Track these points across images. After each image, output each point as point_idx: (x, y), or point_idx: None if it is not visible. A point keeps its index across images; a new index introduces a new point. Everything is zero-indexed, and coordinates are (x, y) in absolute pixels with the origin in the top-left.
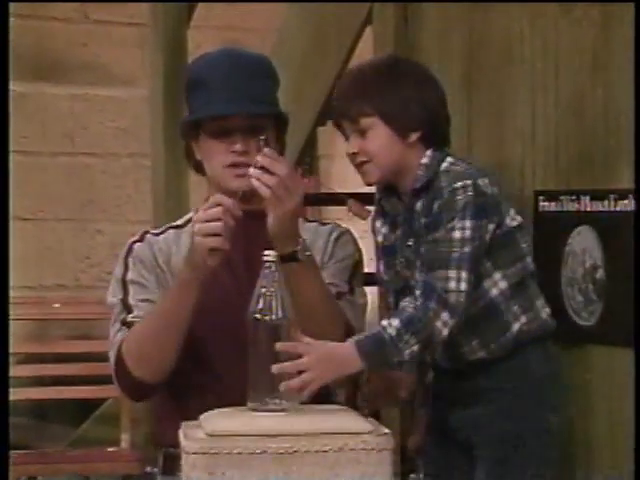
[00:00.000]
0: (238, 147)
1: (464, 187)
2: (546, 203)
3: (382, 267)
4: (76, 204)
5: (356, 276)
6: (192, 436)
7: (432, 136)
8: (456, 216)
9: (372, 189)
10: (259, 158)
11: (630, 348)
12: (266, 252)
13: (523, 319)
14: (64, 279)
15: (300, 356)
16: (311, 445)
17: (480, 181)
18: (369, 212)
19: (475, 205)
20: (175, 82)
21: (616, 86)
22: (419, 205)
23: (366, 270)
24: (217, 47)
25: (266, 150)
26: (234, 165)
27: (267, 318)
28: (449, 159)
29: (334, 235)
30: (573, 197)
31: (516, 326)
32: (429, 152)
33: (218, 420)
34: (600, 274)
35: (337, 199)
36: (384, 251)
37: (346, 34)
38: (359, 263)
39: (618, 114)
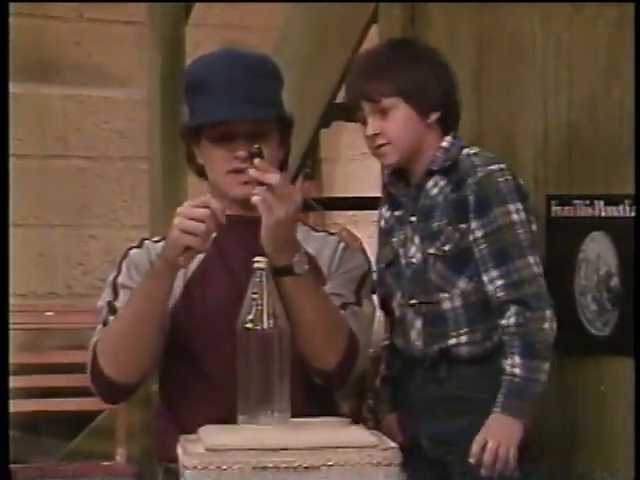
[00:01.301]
0: (241, 154)
1: (501, 170)
2: (559, 208)
3: (378, 248)
4: (69, 209)
5: (364, 287)
6: (191, 451)
7: (449, 118)
8: (506, 199)
9: (374, 193)
10: (251, 172)
11: None
12: (256, 259)
13: None
14: (56, 287)
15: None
16: (315, 460)
17: (512, 168)
18: (359, 239)
19: (517, 188)
20: (173, 82)
21: (632, 87)
22: (430, 184)
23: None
24: (216, 46)
25: (257, 162)
26: (237, 171)
27: (258, 328)
28: (475, 148)
29: (342, 245)
30: (587, 202)
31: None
32: (449, 137)
33: (218, 434)
34: (615, 282)
35: (339, 204)
36: (382, 233)
37: (350, 33)
38: (367, 274)
39: (634, 116)
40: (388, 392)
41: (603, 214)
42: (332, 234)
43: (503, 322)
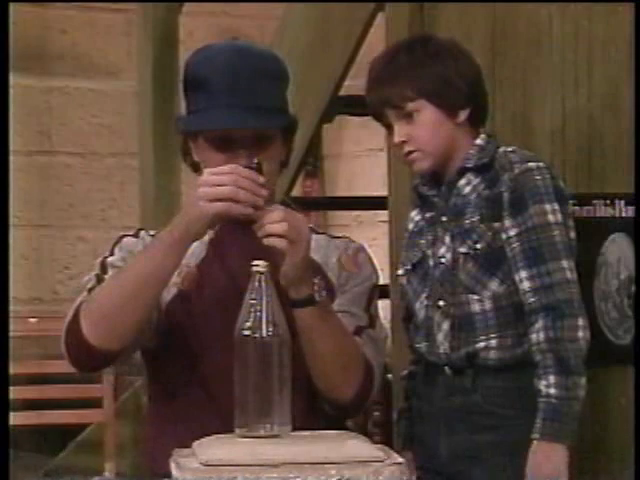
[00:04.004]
0: (242, 163)
1: (539, 169)
2: (577, 208)
3: (404, 252)
4: (54, 209)
5: (373, 302)
6: (185, 466)
7: (478, 113)
8: (543, 198)
9: (380, 192)
10: (257, 230)
11: None
12: (255, 262)
13: None
14: (41, 292)
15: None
16: (317, 475)
17: (551, 168)
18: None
19: (556, 188)
20: (165, 74)
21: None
22: (463, 182)
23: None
24: (211, 35)
25: (258, 213)
26: None
27: (257, 335)
28: (512, 147)
29: (350, 254)
30: (607, 201)
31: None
32: (484, 135)
33: (213, 448)
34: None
35: (343, 204)
36: (411, 236)
37: (354, 22)
38: (376, 286)
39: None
40: (404, 427)
41: (624, 214)
42: (335, 237)
43: (532, 337)
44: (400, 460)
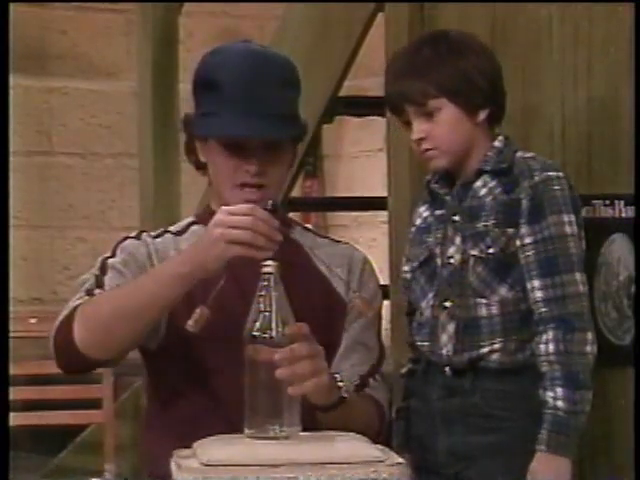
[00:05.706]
0: (254, 169)
1: (558, 178)
2: None
3: (409, 247)
4: (54, 209)
5: (381, 323)
6: (186, 466)
7: (497, 113)
8: (561, 209)
9: (380, 193)
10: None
11: None
12: (264, 262)
13: None
14: (40, 292)
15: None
16: (318, 475)
17: (569, 178)
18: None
19: (572, 199)
20: (165, 74)
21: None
22: (479, 184)
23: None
24: (211, 35)
25: (279, 357)
26: (245, 185)
27: (266, 337)
28: (530, 153)
29: (358, 267)
30: (607, 202)
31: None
32: (501, 137)
33: (214, 448)
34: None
35: (343, 204)
36: (418, 231)
37: (354, 22)
38: (382, 304)
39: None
40: (402, 427)
41: (624, 215)
42: (337, 242)
43: (541, 347)
44: (400, 460)
